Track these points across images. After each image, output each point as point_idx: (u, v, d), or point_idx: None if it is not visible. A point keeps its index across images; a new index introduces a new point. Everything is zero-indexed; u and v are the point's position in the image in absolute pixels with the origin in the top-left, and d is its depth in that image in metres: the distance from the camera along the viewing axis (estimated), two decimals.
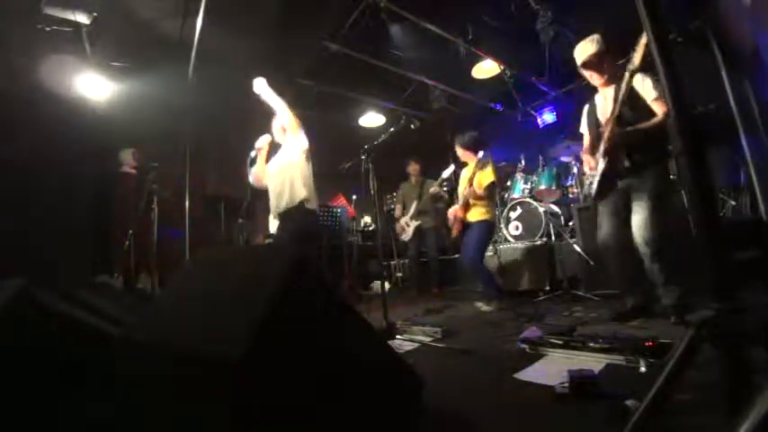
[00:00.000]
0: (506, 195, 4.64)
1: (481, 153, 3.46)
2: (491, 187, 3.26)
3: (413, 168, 4.69)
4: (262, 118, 2.85)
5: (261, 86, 2.61)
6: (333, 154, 5.47)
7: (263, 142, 2.78)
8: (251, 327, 0.72)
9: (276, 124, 2.78)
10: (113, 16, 3.33)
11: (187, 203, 3.17)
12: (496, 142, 6.46)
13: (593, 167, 2.22)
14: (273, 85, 2.64)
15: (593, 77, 2.23)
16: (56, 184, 3.60)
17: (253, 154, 2.79)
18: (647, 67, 1.83)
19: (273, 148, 2.85)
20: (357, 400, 0.87)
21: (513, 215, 4.21)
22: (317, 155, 2.82)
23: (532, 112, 5.96)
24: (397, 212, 4.70)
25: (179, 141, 3.62)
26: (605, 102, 2.20)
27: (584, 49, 2.18)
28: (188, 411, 0.73)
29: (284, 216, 2.64)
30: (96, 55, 3.57)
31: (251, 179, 2.84)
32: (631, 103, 2.01)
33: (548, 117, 5.83)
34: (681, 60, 0.77)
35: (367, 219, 5.95)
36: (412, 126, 3.01)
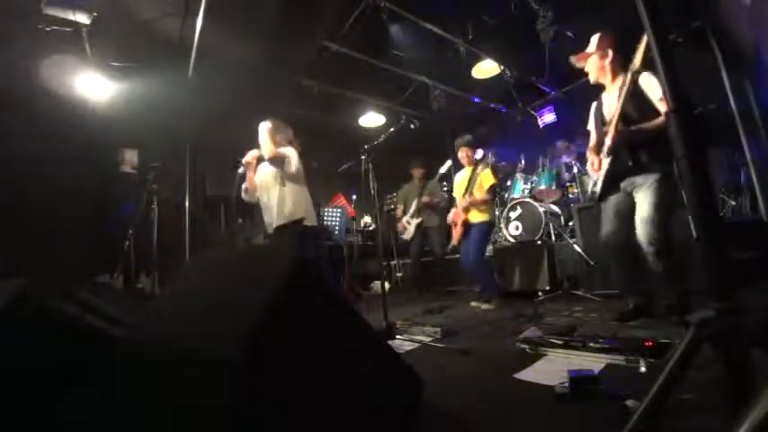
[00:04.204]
0: (506, 195, 4.64)
1: (480, 152, 3.48)
2: (493, 189, 3.31)
3: (417, 171, 4.67)
4: (261, 117, 2.85)
5: (262, 129, 2.68)
6: (333, 154, 5.48)
7: (250, 156, 2.75)
8: (251, 327, 0.72)
9: (263, 131, 2.72)
10: (113, 16, 3.33)
11: (187, 203, 3.17)
12: (496, 142, 6.47)
13: (598, 167, 2.22)
14: (273, 85, 2.65)
15: (591, 75, 2.26)
16: (56, 183, 3.60)
17: (241, 170, 2.77)
18: (650, 66, 1.83)
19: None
20: (357, 400, 0.87)
21: (513, 215, 4.21)
22: (318, 155, 2.82)
23: (532, 112, 5.96)
24: (399, 212, 4.70)
25: (179, 141, 3.63)
26: (611, 100, 2.20)
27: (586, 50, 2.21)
28: (188, 411, 0.73)
29: (279, 233, 2.63)
30: (96, 55, 3.57)
31: (243, 195, 2.83)
32: (637, 103, 2.01)
33: (548, 117, 5.82)
34: (681, 60, 0.77)
35: (367, 219, 5.95)
36: (412, 126, 3.01)
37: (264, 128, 2.69)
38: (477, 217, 3.29)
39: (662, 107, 1.95)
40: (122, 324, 1.06)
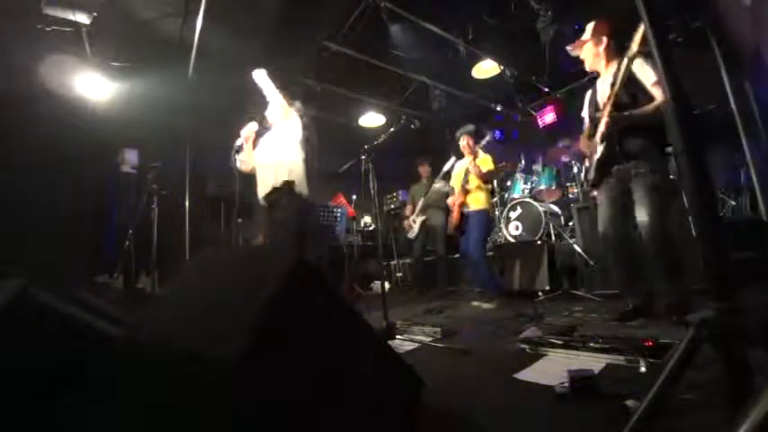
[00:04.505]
0: (506, 195, 4.64)
1: (484, 142, 3.49)
2: (490, 174, 3.35)
3: (423, 170, 4.72)
4: (261, 116, 2.85)
5: (260, 77, 2.67)
6: (333, 154, 5.48)
7: (249, 131, 2.80)
8: (251, 327, 0.72)
9: (272, 105, 2.78)
10: (113, 16, 3.33)
11: (187, 203, 3.17)
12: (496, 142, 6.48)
13: (591, 150, 2.22)
14: (274, 84, 2.65)
15: (587, 63, 2.28)
16: (56, 183, 3.60)
17: (239, 143, 2.81)
18: (645, 52, 1.82)
19: (262, 133, 2.86)
20: (357, 400, 0.87)
21: (513, 215, 4.21)
22: (318, 155, 2.82)
23: (532, 112, 5.96)
24: (408, 212, 4.73)
25: (179, 141, 3.63)
26: (604, 87, 2.20)
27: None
28: (188, 411, 0.73)
29: (272, 199, 2.64)
30: (96, 55, 3.57)
31: (238, 165, 2.85)
32: (630, 88, 2.00)
33: (548, 117, 5.83)
34: (681, 60, 0.77)
35: (367, 219, 5.95)
36: (412, 126, 3.02)
37: (263, 75, 2.68)
38: (475, 203, 3.29)
39: (655, 92, 1.95)
40: (122, 324, 1.06)
